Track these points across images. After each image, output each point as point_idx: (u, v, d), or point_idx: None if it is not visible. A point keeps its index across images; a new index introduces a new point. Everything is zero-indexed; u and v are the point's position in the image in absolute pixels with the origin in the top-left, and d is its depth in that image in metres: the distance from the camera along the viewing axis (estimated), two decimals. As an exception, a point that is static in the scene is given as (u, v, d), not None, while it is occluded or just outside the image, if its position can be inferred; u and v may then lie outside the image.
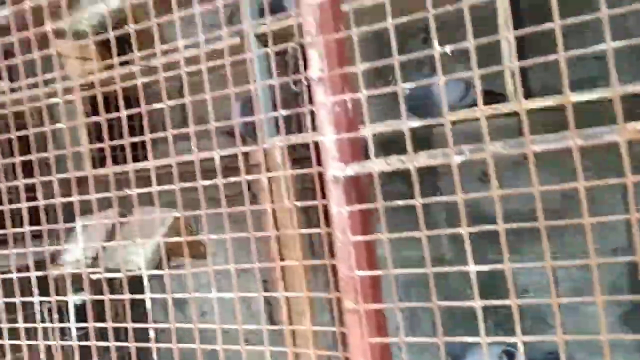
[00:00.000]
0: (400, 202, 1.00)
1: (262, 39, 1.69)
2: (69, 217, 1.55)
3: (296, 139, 1.68)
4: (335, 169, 1.02)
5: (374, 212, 1.03)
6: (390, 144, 1.03)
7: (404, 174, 1.01)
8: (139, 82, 1.34)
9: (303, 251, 1.81)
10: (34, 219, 1.53)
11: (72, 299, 1.64)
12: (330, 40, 1.01)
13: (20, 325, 1.56)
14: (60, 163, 1.51)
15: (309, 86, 1.06)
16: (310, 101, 1.06)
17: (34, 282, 1.53)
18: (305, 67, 1.06)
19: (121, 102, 1.34)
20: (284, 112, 1.17)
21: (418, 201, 0.97)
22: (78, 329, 1.75)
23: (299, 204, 1.22)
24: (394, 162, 0.99)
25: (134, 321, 1.39)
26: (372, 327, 1.02)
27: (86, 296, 1.47)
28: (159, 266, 1.81)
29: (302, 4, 1.01)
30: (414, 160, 0.97)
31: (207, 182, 1.25)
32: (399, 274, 1.03)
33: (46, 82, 1.58)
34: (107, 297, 1.42)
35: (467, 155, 0.92)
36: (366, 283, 1.02)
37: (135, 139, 1.40)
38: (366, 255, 1.03)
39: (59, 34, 1.71)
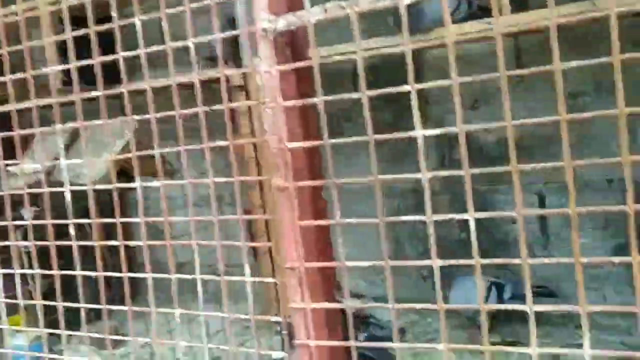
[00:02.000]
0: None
1: None
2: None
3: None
4: (265, 21, 0.86)
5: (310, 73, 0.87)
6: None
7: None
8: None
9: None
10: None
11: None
12: None
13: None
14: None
15: None
16: None
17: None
18: None
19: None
20: None
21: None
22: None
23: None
24: (332, 10, 0.83)
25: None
26: (305, 209, 0.87)
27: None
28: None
29: None
30: (355, 5, 0.80)
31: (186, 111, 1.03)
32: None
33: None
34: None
35: None
36: (299, 156, 0.87)
37: (106, 58, 1.19)
38: (300, 123, 0.87)
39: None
